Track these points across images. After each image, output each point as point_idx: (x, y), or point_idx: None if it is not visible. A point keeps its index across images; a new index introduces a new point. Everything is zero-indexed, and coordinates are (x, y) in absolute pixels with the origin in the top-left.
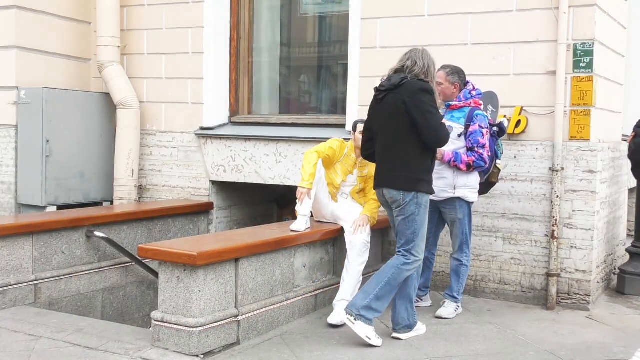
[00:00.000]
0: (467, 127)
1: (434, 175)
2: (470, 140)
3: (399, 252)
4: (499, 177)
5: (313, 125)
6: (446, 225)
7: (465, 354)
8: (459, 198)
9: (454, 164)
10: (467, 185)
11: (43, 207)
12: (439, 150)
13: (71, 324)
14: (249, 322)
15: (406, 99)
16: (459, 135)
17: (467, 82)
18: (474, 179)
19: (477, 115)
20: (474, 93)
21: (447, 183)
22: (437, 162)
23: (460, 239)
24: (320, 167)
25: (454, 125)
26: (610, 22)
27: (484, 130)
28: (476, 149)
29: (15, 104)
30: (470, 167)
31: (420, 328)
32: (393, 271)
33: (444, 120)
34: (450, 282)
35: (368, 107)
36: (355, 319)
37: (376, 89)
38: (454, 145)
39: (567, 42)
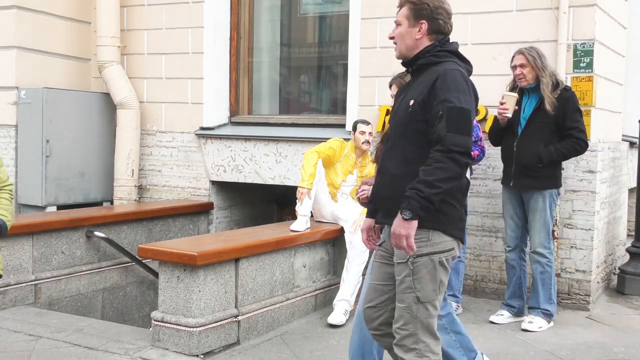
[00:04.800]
0: None
1: None
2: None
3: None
4: None
5: (313, 125)
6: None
7: None
8: None
9: None
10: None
11: (43, 207)
12: None
13: (71, 324)
14: (249, 322)
15: None
16: None
17: None
18: (468, 173)
19: None
20: None
21: None
22: None
23: None
24: (320, 167)
25: None
26: (610, 22)
27: (478, 124)
28: (478, 143)
29: (15, 104)
30: (473, 160)
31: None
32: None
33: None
34: (450, 280)
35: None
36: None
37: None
38: None
39: (567, 42)
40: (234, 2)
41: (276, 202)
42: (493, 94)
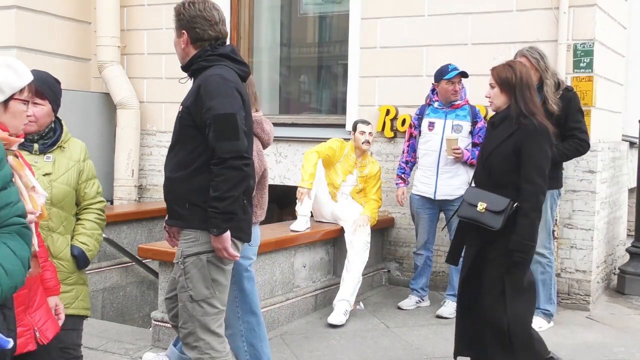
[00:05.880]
0: (474, 123)
1: (448, 174)
2: (480, 136)
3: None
4: None
5: (313, 125)
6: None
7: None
8: None
9: (471, 161)
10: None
11: None
12: (459, 149)
13: None
14: None
15: None
16: (470, 133)
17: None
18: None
19: (478, 112)
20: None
21: (462, 180)
22: (451, 160)
23: None
24: (320, 167)
25: (463, 124)
26: (610, 22)
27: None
28: None
29: None
30: None
31: None
32: None
33: (454, 120)
34: (452, 280)
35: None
36: None
37: None
38: (464, 142)
39: (567, 42)
40: (234, 2)
41: (276, 202)
42: None
